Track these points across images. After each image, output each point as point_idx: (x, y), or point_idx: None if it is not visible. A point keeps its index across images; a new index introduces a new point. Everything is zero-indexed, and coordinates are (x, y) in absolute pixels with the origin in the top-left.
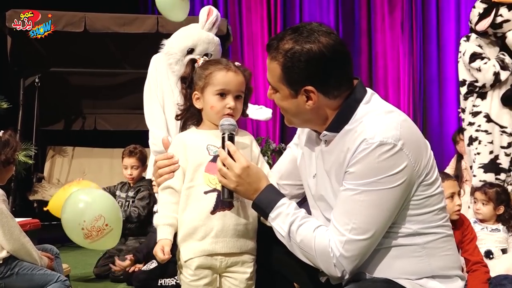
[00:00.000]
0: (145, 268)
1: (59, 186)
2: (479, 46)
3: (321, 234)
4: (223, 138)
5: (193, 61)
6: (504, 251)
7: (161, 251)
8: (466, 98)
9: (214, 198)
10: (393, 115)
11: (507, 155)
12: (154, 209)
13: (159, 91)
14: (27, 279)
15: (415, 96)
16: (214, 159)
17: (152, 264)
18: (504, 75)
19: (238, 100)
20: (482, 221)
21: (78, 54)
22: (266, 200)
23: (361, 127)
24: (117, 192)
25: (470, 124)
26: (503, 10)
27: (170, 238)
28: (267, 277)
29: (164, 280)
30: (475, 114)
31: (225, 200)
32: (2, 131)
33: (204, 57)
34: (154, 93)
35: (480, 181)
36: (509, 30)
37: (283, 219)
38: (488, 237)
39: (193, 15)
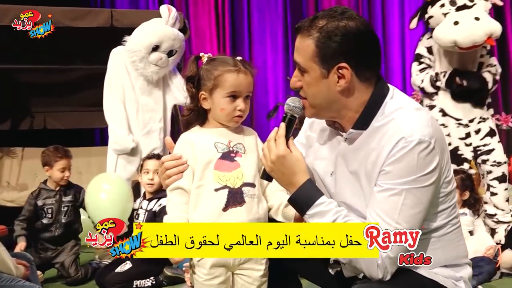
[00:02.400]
0: (118, 270)
1: (10, 189)
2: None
3: None
4: (283, 118)
5: (197, 58)
6: (471, 233)
7: None
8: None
9: (225, 194)
10: (422, 112)
11: (467, 145)
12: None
13: (120, 87)
14: None
15: None
16: (223, 156)
17: (126, 266)
18: (430, 90)
19: (246, 100)
20: None
21: (25, 50)
22: (305, 196)
23: (394, 124)
24: (39, 202)
25: None
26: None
27: None
28: (279, 274)
29: (140, 282)
30: (431, 107)
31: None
32: None
33: (209, 54)
34: (115, 88)
35: None
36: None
37: (323, 217)
38: None
39: (147, 9)
